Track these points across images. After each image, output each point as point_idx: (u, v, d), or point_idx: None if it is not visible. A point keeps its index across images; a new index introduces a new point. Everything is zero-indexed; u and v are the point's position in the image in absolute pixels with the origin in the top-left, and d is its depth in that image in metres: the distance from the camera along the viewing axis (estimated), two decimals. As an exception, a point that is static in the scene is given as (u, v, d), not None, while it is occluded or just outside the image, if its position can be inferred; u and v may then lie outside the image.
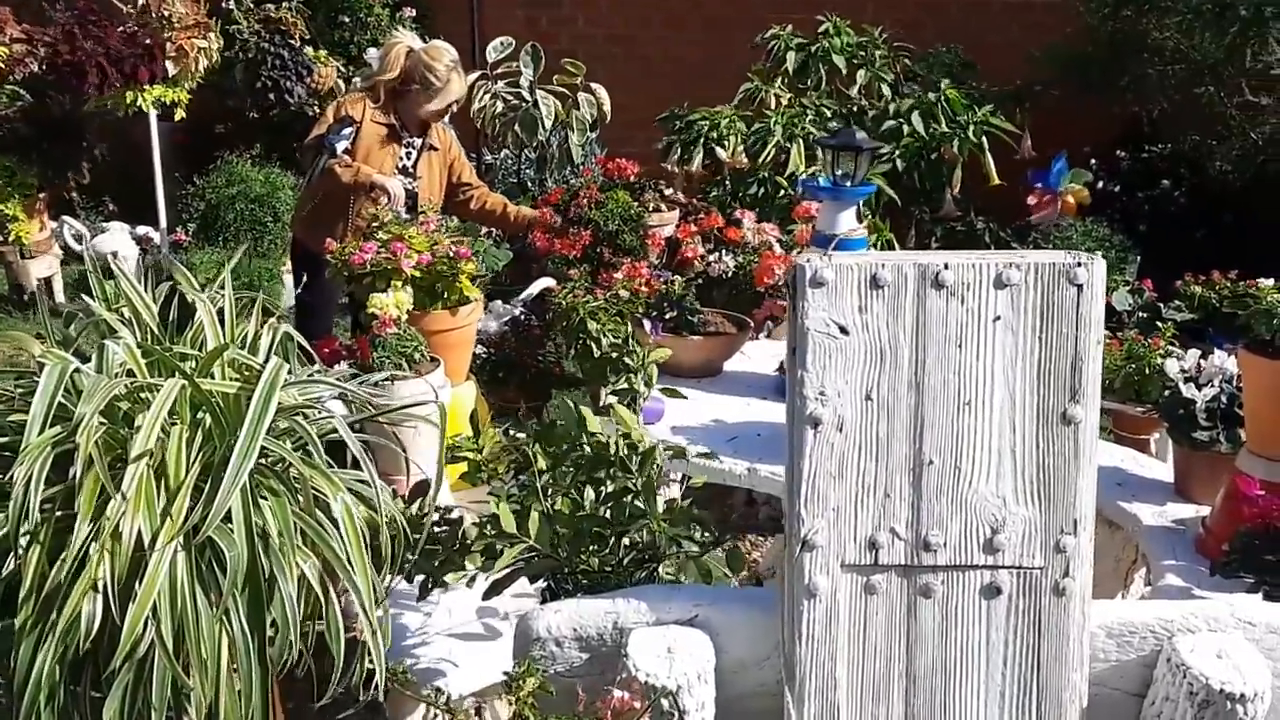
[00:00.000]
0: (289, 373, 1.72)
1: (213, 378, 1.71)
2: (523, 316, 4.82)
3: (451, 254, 3.13)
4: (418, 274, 3.10)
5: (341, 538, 1.65)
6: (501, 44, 6.83)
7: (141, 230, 7.46)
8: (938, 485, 1.78)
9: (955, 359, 1.75)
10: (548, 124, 6.56)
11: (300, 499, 1.65)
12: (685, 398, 2.46)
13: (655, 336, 3.21)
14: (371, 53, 7.38)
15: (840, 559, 1.80)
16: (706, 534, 2.10)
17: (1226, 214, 7.11)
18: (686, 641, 1.84)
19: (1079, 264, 1.74)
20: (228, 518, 1.54)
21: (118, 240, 6.77)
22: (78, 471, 1.52)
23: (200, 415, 1.66)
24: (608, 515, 2.06)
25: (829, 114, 6.49)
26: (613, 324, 3.75)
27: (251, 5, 7.89)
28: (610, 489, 2.12)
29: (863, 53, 6.80)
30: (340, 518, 1.66)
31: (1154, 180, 7.31)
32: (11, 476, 1.50)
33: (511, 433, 2.42)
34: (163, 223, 7.56)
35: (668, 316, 3.25)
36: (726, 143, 6.30)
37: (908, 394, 1.76)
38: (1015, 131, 6.16)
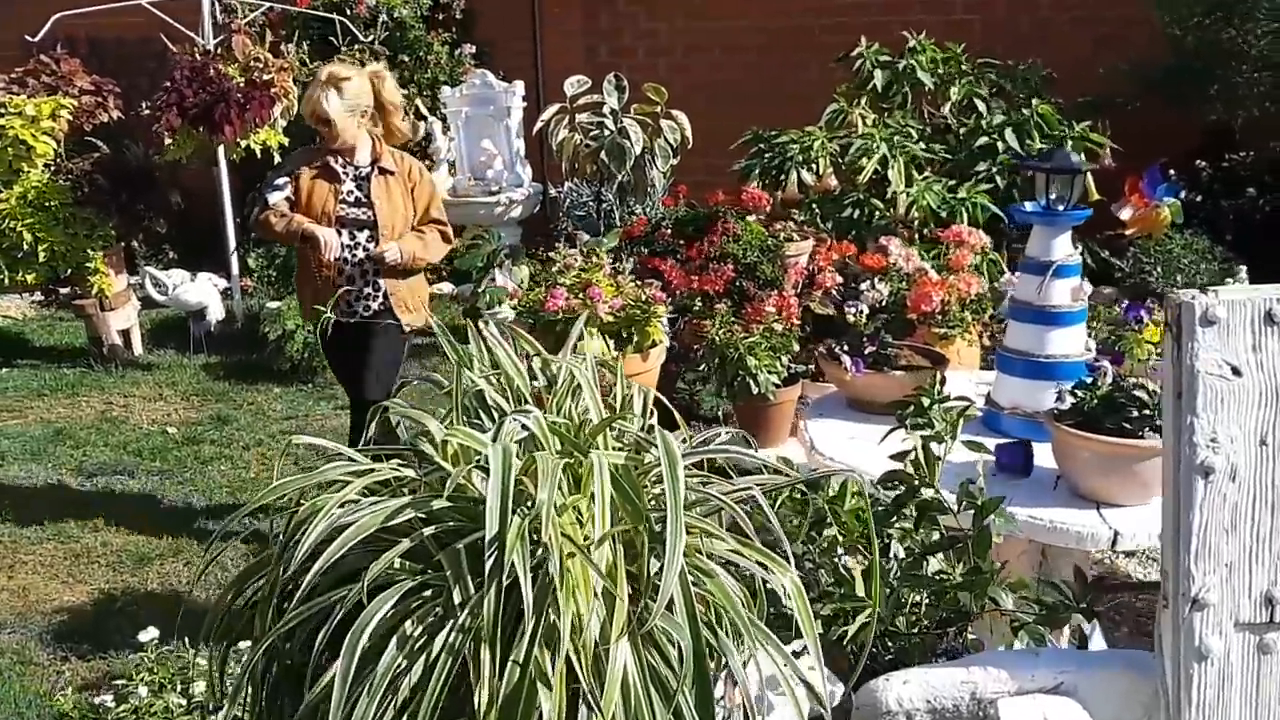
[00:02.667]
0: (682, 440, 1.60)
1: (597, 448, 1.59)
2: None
3: (646, 297, 3.02)
4: (611, 318, 2.99)
5: (795, 619, 1.52)
6: (578, 81, 6.76)
7: (203, 277, 7.34)
8: (1338, 534, 1.65)
9: (1356, 398, 1.63)
10: (637, 149, 6.47)
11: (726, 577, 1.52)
12: (989, 451, 2.33)
13: (857, 374, 3.09)
14: (446, 91, 7.30)
15: (1234, 618, 1.67)
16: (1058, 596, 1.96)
17: (1315, 221, 6.99)
18: (1064, 713, 1.71)
19: None
20: (669, 603, 1.41)
21: (202, 291, 6.67)
22: (555, 562, 1.39)
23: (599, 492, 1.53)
24: (944, 575, 1.93)
25: (915, 133, 6.40)
26: (768, 359, 3.64)
27: (307, 44, 7.82)
28: (924, 543, 1.99)
29: (945, 69, 6.73)
30: (792, 599, 1.53)
31: (1238, 189, 7.20)
32: (444, 570, 1.38)
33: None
34: (234, 269, 7.48)
35: (866, 353, 3.14)
36: (815, 164, 6.20)
37: (1305, 437, 1.64)
38: (1114, 146, 6.06)
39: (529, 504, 1.43)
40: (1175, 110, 6.90)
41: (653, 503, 1.52)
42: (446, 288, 8.31)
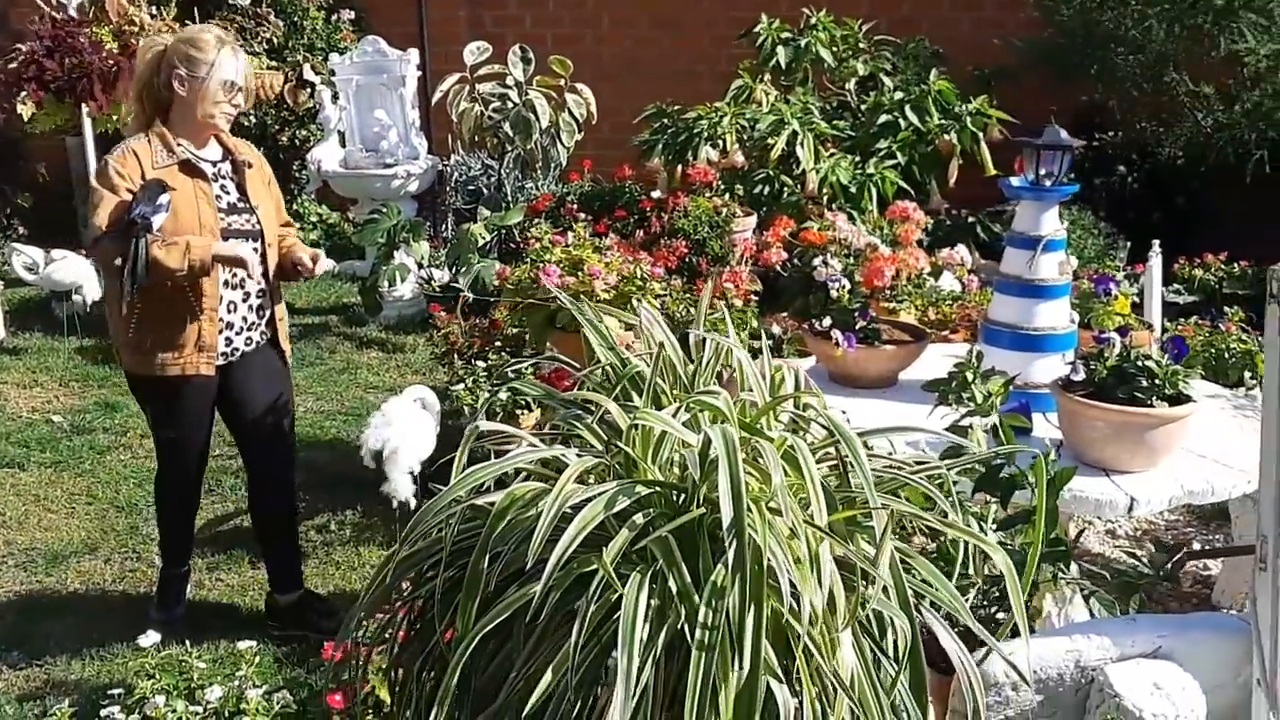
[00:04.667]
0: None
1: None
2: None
3: (642, 274, 2.95)
4: (608, 296, 2.92)
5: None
6: (478, 48, 6.59)
7: (59, 254, 6.79)
8: None
9: None
10: (544, 123, 6.34)
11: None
12: (1030, 428, 2.35)
13: (849, 349, 3.09)
14: (335, 58, 6.99)
15: (1332, 578, 1.73)
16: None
17: (1179, 198, 7.40)
18: (1170, 677, 1.74)
19: None
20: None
21: (76, 269, 6.21)
22: (804, 547, 1.30)
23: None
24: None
25: (815, 109, 6.47)
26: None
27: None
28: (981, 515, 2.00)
29: (843, 46, 6.83)
30: (1004, 571, 1.49)
31: (1107, 167, 7.54)
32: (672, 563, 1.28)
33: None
34: (102, 245, 7.00)
35: (858, 328, 3.14)
36: (722, 141, 6.20)
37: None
38: (1012, 120, 6.24)
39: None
40: (1051, 89, 7.17)
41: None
42: (327, 264, 7.98)
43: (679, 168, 6.25)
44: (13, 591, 3.78)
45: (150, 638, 2.40)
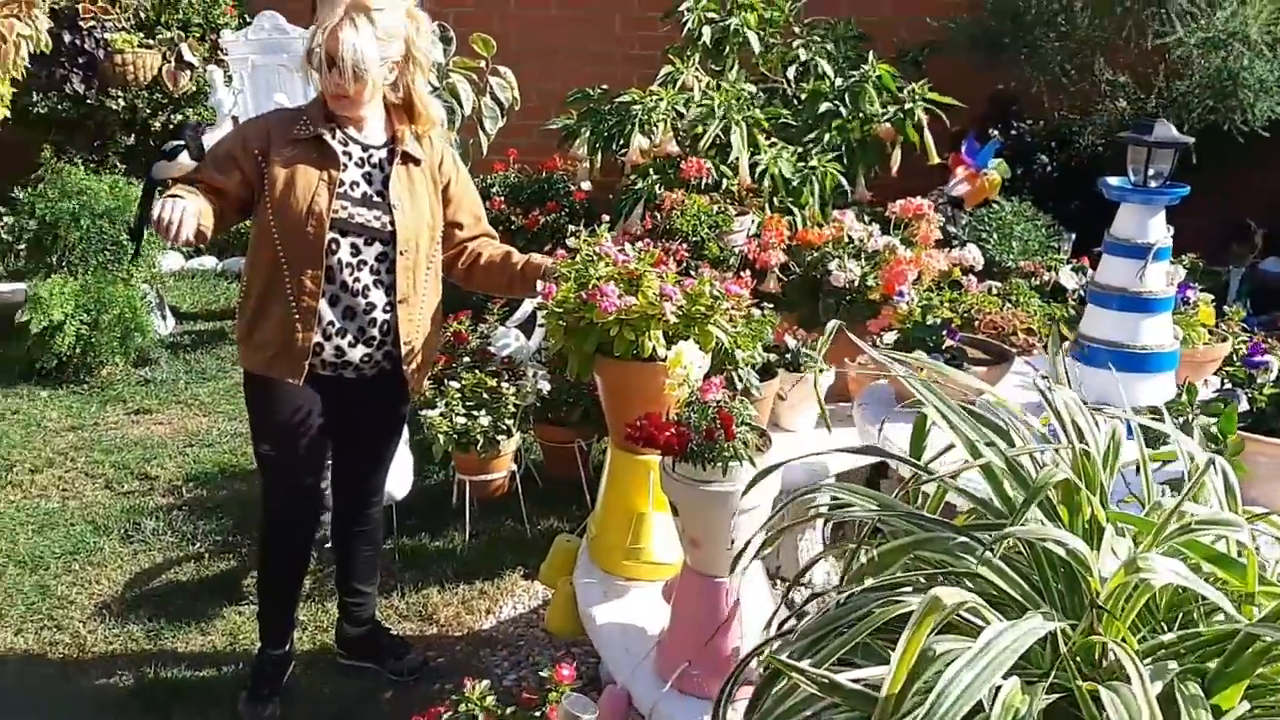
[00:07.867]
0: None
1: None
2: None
3: (717, 291, 2.53)
4: (677, 319, 2.49)
5: None
6: (390, 25, 5.99)
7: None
8: None
9: None
10: (467, 109, 5.80)
11: None
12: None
13: (934, 371, 2.74)
14: (228, 35, 6.28)
15: None
16: None
17: (1094, 186, 7.37)
18: None
19: None
20: None
21: (-68, 274, 5.39)
22: None
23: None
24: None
25: (749, 96, 6.14)
26: (751, 348, 3.26)
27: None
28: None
29: (771, 30, 6.53)
30: None
31: (1027, 156, 7.47)
32: None
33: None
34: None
35: (945, 347, 2.80)
36: (654, 128, 5.82)
37: None
38: (960, 106, 6.02)
39: None
40: (973, 75, 7.03)
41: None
42: (210, 262, 7.29)
43: (599, 157, 5.89)
44: (-91, 682, 3.13)
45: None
